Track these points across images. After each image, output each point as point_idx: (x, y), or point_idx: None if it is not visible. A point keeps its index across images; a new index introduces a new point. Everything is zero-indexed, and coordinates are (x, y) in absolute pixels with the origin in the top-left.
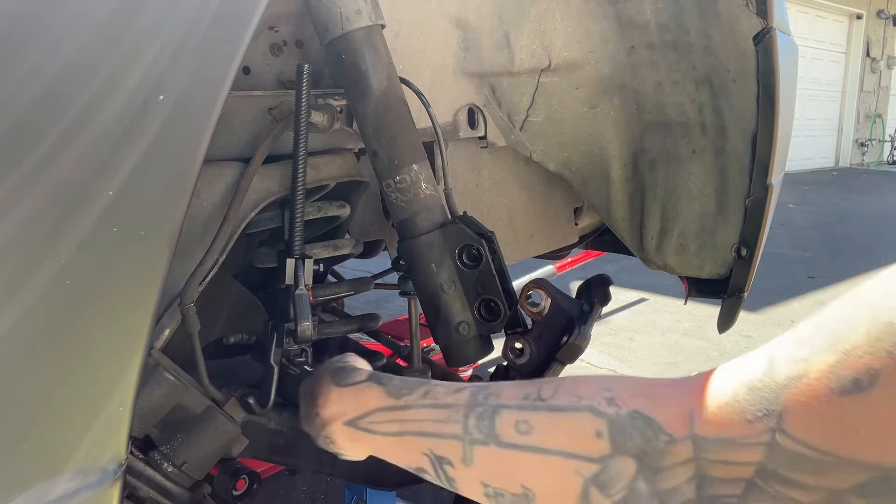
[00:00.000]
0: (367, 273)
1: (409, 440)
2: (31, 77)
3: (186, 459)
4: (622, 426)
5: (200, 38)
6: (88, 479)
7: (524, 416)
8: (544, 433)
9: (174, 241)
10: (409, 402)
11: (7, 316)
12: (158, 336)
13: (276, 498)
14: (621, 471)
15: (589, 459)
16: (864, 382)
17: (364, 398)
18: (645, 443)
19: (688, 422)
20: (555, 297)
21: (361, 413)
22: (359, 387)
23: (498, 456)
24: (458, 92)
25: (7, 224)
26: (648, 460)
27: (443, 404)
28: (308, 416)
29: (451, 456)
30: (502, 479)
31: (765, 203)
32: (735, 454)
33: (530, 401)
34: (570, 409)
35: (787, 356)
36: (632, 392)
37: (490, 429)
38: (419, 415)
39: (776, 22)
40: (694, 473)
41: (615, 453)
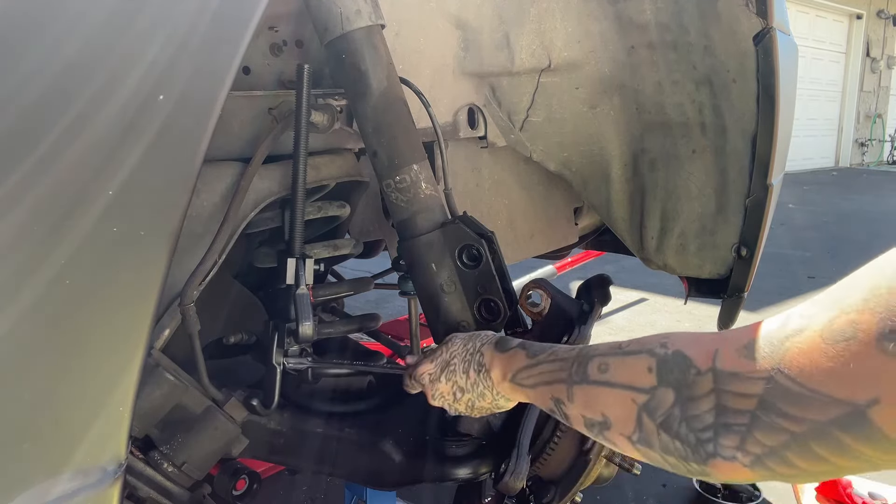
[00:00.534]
0: (367, 273)
1: (541, 389)
2: (32, 77)
3: (186, 459)
4: (667, 363)
5: (200, 38)
6: (88, 479)
7: (605, 359)
8: (615, 371)
9: (174, 241)
10: (539, 359)
11: (7, 315)
12: (158, 336)
13: (276, 498)
14: (663, 399)
15: (641, 390)
16: (847, 333)
17: (514, 361)
18: (681, 375)
19: (711, 357)
20: (555, 297)
21: (514, 371)
22: (510, 353)
23: (587, 391)
24: (458, 92)
25: (7, 224)
26: (683, 390)
27: (560, 358)
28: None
29: (562, 396)
30: (592, 409)
31: (765, 203)
32: (743, 386)
33: (612, 349)
34: (635, 352)
35: (800, 313)
36: (681, 338)
37: (584, 371)
38: (545, 369)
39: (776, 22)
40: (714, 404)
41: (659, 385)
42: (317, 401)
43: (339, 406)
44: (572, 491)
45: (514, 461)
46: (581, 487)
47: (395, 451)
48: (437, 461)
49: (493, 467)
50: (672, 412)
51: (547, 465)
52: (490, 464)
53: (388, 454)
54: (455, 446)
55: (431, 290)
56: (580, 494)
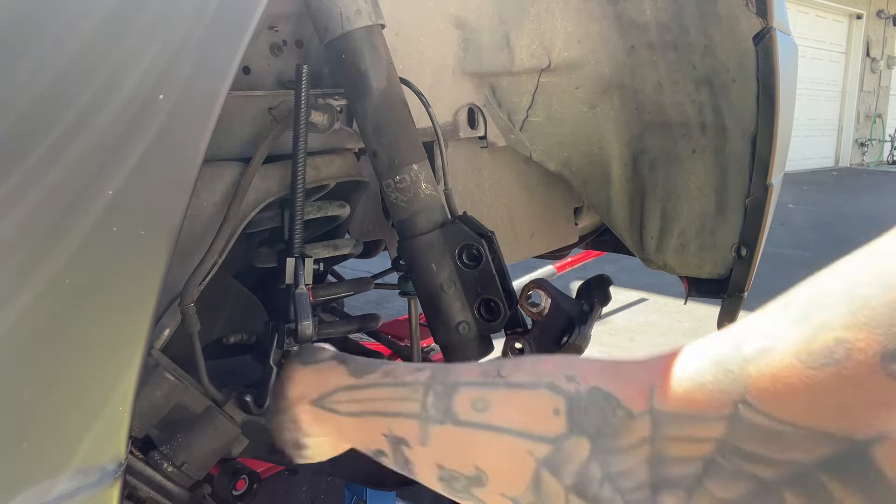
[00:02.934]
0: (367, 273)
1: (368, 420)
2: (32, 77)
3: (186, 459)
4: (580, 403)
5: (200, 37)
6: (88, 479)
7: (482, 393)
8: (501, 410)
9: (174, 241)
10: (369, 380)
11: (7, 315)
12: (158, 336)
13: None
14: (574, 451)
15: (543, 439)
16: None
17: (327, 377)
18: (602, 419)
19: (647, 396)
20: (555, 298)
21: (324, 392)
22: (321, 365)
23: (453, 435)
24: (458, 92)
25: (7, 224)
26: (603, 441)
27: (402, 382)
28: (275, 402)
29: (409, 436)
30: (457, 459)
31: (765, 203)
32: (695, 429)
33: (490, 377)
34: (530, 386)
35: (756, 330)
36: (595, 369)
37: (447, 407)
38: (379, 394)
39: (776, 22)
40: (649, 455)
41: (571, 433)
42: None
43: None
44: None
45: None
46: None
47: None
48: None
49: None
50: (588, 469)
51: None
52: None
53: None
54: None
55: (431, 289)
56: None
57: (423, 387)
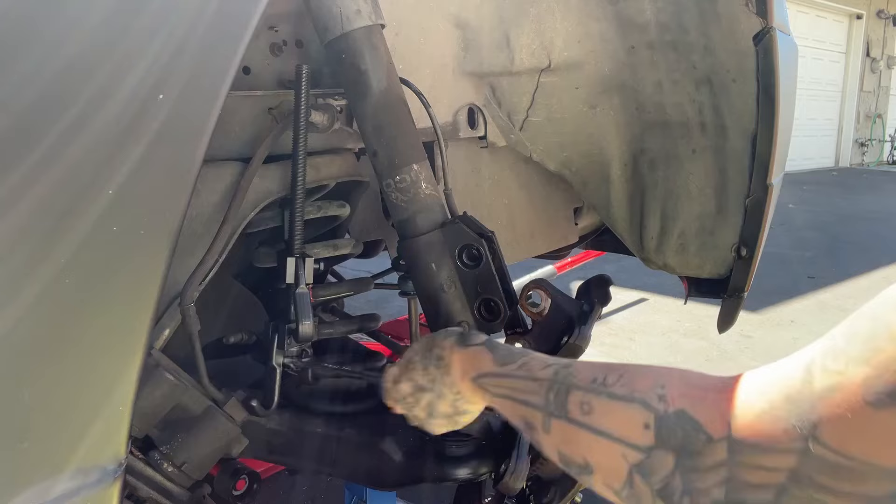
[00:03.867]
0: (367, 273)
1: (510, 403)
2: (32, 76)
3: (186, 459)
4: (668, 423)
5: (200, 37)
6: (88, 479)
7: (588, 397)
8: (602, 416)
9: (174, 240)
10: (508, 371)
11: (7, 315)
12: (158, 336)
13: (276, 498)
14: (661, 463)
15: (635, 447)
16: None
17: (478, 361)
18: (686, 440)
19: (726, 424)
20: (555, 298)
21: (479, 374)
22: (475, 349)
23: (567, 429)
24: (458, 92)
25: (7, 223)
26: (686, 459)
27: (532, 377)
28: (427, 366)
29: (536, 423)
30: (571, 449)
31: (765, 203)
32: (769, 460)
33: (596, 384)
34: (626, 399)
35: (824, 367)
36: (682, 392)
37: (563, 405)
38: (515, 384)
39: (776, 22)
40: (726, 477)
41: (658, 446)
42: (317, 401)
43: (339, 406)
44: (572, 491)
45: (514, 461)
46: (581, 488)
47: (395, 450)
48: (438, 461)
49: (493, 467)
50: (671, 481)
51: (547, 466)
52: (490, 464)
53: (388, 454)
54: (455, 446)
55: (431, 289)
56: (580, 494)
57: (547, 383)
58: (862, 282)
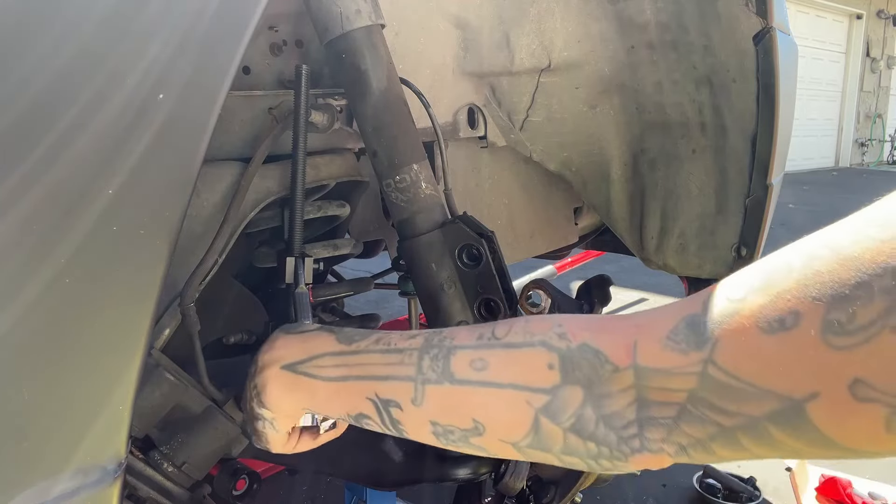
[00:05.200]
0: (367, 273)
1: (352, 385)
2: (32, 76)
3: (186, 459)
4: (572, 358)
5: (200, 37)
6: (88, 478)
7: (480, 353)
8: (499, 368)
9: (174, 240)
10: (360, 347)
11: (7, 315)
12: (158, 336)
13: (276, 498)
14: (570, 399)
15: (540, 390)
16: (787, 322)
17: (312, 343)
18: (592, 372)
19: (631, 352)
20: (555, 298)
21: (306, 357)
22: (308, 333)
23: (451, 393)
24: (458, 92)
25: (7, 223)
26: (594, 388)
27: (396, 349)
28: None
29: (400, 397)
30: (454, 414)
31: (765, 203)
32: (671, 381)
33: (485, 340)
34: (525, 345)
35: (725, 295)
36: (582, 326)
37: (445, 368)
38: (370, 359)
39: (776, 21)
40: (634, 398)
41: (564, 383)
42: None
43: None
44: (572, 491)
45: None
46: (581, 488)
47: (395, 450)
48: (438, 461)
49: (493, 467)
50: (583, 412)
51: (547, 466)
52: (490, 464)
53: (388, 454)
54: None
55: (431, 289)
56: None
57: (417, 351)
58: None
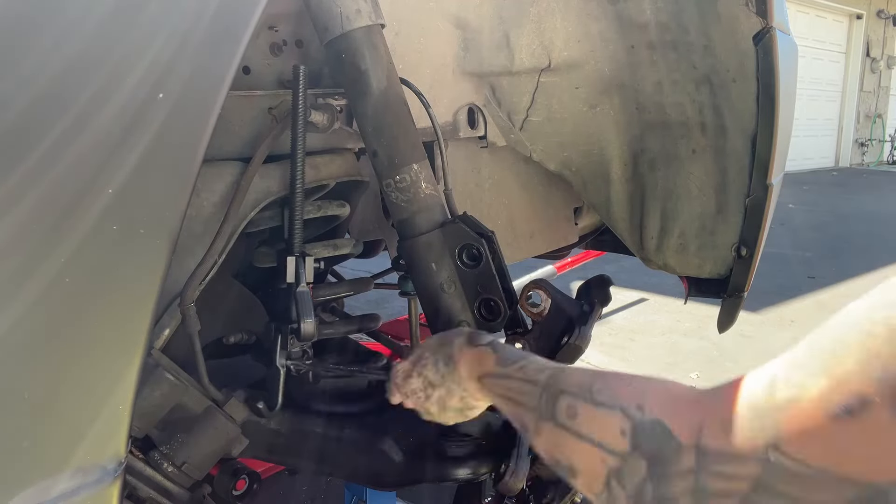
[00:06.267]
0: (367, 273)
1: (509, 404)
2: (32, 76)
3: (186, 459)
4: (643, 430)
5: (200, 37)
6: (88, 478)
7: (574, 402)
8: (584, 421)
9: (174, 240)
10: (508, 372)
11: (7, 315)
12: (158, 336)
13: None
14: (636, 469)
15: (613, 453)
16: (854, 408)
17: (483, 361)
18: (658, 448)
19: (696, 432)
20: (555, 298)
21: (483, 373)
22: (481, 350)
23: (554, 432)
24: (458, 92)
25: (7, 222)
26: (658, 465)
27: (528, 380)
28: (437, 363)
29: (528, 425)
30: (558, 451)
31: (765, 203)
32: (733, 467)
33: (582, 390)
34: (607, 406)
35: (786, 379)
36: (660, 401)
37: (552, 408)
38: (513, 385)
39: (776, 21)
40: (694, 487)
41: (633, 452)
42: (317, 401)
43: (339, 406)
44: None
45: (514, 461)
46: None
47: (395, 451)
48: (438, 461)
49: (493, 468)
50: (644, 487)
51: (547, 466)
52: (490, 464)
53: (388, 454)
54: (455, 446)
55: (431, 289)
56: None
57: (540, 387)
58: (862, 282)
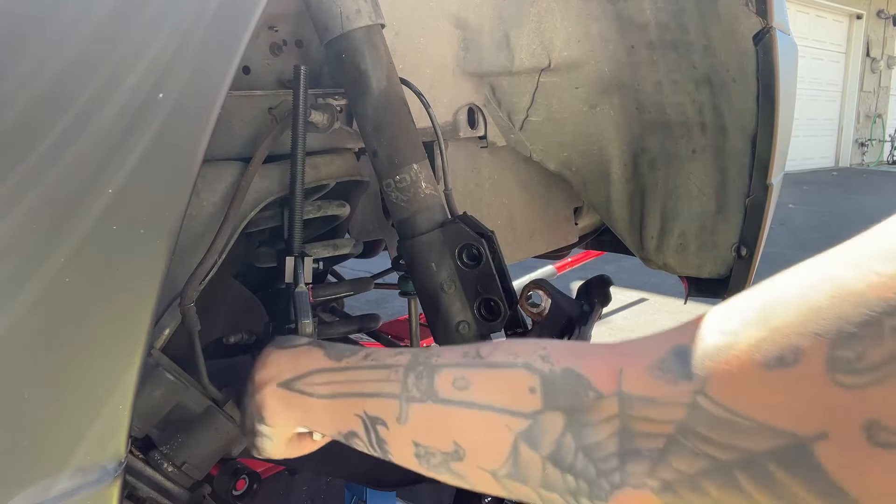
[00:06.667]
0: (367, 273)
1: (343, 402)
2: (32, 76)
3: (186, 459)
4: (554, 382)
5: (200, 36)
6: (88, 478)
7: (463, 372)
8: (480, 388)
9: (174, 240)
10: (349, 363)
11: (7, 314)
12: (158, 336)
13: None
14: (550, 425)
15: (520, 415)
16: (788, 359)
17: (303, 360)
18: (574, 398)
19: (616, 380)
20: (555, 298)
21: (298, 374)
22: (298, 349)
23: (433, 413)
24: (458, 92)
25: (7, 222)
26: (576, 415)
27: (383, 365)
28: (246, 386)
29: (386, 415)
30: (435, 436)
31: (765, 203)
32: (658, 412)
33: (469, 358)
34: (507, 366)
35: (716, 327)
36: (566, 351)
37: (429, 386)
38: (358, 375)
39: (776, 21)
40: (618, 429)
41: (546, 409)
42: None
43: None
44: None
45: None
46: None
47: None
48: None
49: None
50: (563, 441)
51: None
52: None
53: None
54: None
55: (431, 289)
56: None
57: (403, 368)
58: None
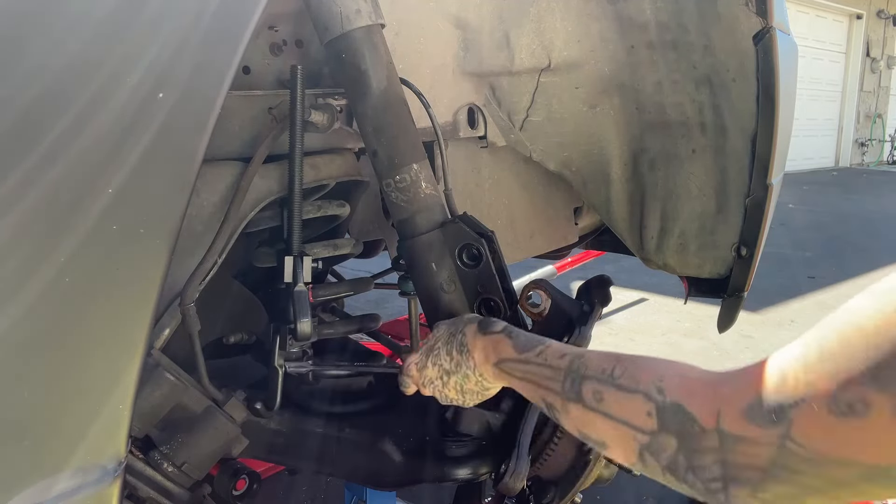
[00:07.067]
0: (367, 273)
1: (531, 386)
2: (33, 75)
3: (186, 459)
4: (665, 411)
5: (200, 36)
6: (88, 478)
7: (599, 387)
8: (611, 404)
9: (174, 239)
10: (528, 357)
11: (8, 314)
12: (158, 336)
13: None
14: (666, 445)
15: (642, 431)
16: (858, 410)
17: (499, 348)
18: (682, 427)
19: (715, 419)
20: (555, 298)
21: (500, 359)
22: (495, 337)
23: (583, 413)
24: (458, 92)
25: (7, 222)
26: (685, 441)
27: (549, 365)
28: (451, 352)
29: (556, 405)
30: (588, 429)
31: (765, 202)
32: (752, 449)
33: (605, 375)
34: (630, 391)
35: (796, 377)
36: (677, 384)
37: (578, 392)
38: (534, 370)
39: (776, 21)
40: (720, 458)
41: (661, 430)
42: (317, 401)
43: (339, 406)
44: (572, 491)
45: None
46: (581, 488)
47: (395, 451)
48: (437, 461)
49: (493, 468)
50: (676, 458)
51: (547, 466)
52: (490, 464)
53: (388, 454)
54: (455, 446)
55: (431, 289)
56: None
57: (563, 372)
58: (862, 282)
